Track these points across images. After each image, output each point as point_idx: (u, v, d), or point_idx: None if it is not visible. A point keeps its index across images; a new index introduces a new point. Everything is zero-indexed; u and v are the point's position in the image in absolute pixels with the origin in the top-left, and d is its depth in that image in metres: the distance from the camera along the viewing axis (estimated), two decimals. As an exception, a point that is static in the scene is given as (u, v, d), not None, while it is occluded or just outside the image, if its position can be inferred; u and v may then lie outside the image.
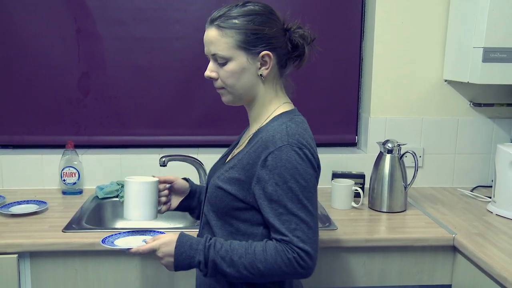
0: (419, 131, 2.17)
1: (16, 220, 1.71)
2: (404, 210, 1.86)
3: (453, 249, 1.63)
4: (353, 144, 2.32)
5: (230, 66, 1.23)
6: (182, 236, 1.22)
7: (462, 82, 2.07)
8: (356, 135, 2.31)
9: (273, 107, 1.28)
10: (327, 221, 1.73)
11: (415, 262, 1.65)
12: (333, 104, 2.26)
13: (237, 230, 1.25)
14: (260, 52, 1.22)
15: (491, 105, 2.15)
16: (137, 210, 1.35)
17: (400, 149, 1.86)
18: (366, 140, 2.20)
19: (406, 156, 1.90)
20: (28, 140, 2.18)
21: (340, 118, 2.29)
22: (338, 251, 1.62)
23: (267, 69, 1.24)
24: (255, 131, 1.27)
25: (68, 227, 1.64)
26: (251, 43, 1.22)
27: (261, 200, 1.18)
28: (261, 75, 1.24)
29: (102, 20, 2.12)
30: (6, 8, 2.07)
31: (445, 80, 2.14)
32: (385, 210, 1.85)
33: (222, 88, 1.27)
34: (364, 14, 2.21)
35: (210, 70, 1.26)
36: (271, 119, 1.26)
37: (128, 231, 1.38)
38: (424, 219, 1.78)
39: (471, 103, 2.16)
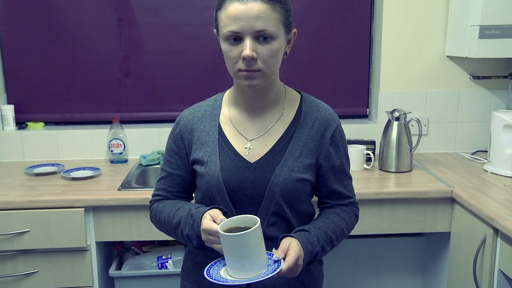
0: (424, 102, 2.42)
1: (77, 183, 2.01)
2: (410, 170, 2.13)
3: (451, 200, 1.89)
4: (365, 116, 2.58)
5: (275, 44, 1.11)
6: (300, 237, 1.14)
7: (461, 57, 2.31)
8: (368, 108, 2.57)
9: (282, 86, 1.26)
10: (342, 180, 1.99)
11: (418, 212, 1.91)
12: (347, 80, 2.52)
13: (304, 214, 1.27)
14: (291, 30, 1.17)
15: (489, 77, 2.39)
16: (255, 264, 1.06)
17: (406, 117, 2.12)
18: (376, 112, 2.46)
19: (412, 125, 2.17)
20: (77, 118, 2.48)
21: (353, 93, 2.54)
22: (352, 203, 1.89)
23: (289, 47, 1.19)
24: (281, 113, 1.23)
25: (122, 187, 1.93)
26: (289, 19, 1.14)
27: (328, 175, 1.24)
28: (285, 53, 1.18)
29: (139, 8, 2.39)
30: (57, 2, 2.35)
31: (447, 56, 2.38)
32: (393, 171, 2.11)
33: (258, 70, 1.11)
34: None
35: (252, 49, 1.09)
36: (301, 99, 1.26)
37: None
38: (427, 176, 2.04)
39: (471, 76, 2.40)
